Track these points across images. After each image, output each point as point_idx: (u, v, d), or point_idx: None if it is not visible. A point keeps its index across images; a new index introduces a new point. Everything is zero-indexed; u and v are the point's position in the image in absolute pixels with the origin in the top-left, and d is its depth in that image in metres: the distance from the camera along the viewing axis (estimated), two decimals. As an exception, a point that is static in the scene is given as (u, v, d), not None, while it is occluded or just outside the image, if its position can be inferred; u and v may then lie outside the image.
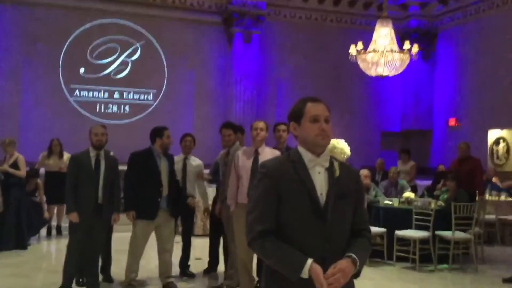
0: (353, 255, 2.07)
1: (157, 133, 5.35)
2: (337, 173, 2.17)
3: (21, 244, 7.28)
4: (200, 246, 7.09)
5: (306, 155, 2.16)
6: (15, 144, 7.70)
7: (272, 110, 13.20)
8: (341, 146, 8.53)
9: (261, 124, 4.92)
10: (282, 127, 5.39)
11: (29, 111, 11.36)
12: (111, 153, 5.60)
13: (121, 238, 5.96)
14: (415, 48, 9.03)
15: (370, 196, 7.46)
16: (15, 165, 7.42)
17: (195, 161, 6.14)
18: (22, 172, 7.51)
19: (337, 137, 5.67)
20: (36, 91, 11.46)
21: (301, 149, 2.19)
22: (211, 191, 6.50)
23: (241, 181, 4.79)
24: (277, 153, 4.74)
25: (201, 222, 8.65)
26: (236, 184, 4.85)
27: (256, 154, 4.83)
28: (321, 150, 2.17)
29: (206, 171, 6.37)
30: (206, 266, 6.24)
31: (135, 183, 5.24)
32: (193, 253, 6.49)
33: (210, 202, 6.28)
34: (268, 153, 4.73)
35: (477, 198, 7.28)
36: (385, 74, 8.99)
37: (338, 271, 2.00)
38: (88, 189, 4.95)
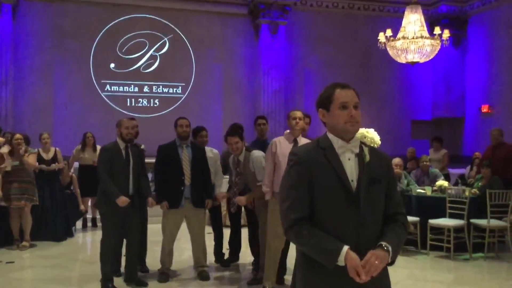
0: (387, 244, 2.05)
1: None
2: (367, 158, 2.16)
3: (59, 236, 7.48)
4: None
5: (336, 142, 2.15)
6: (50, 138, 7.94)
7: (300, 101, 13.15)
8: (371, 135, 8.46)
9: (299, 114, 4.89)
10: (263, 121, 6.04)
11: (62, 106, 11.61)
12: (142, 146, 5.72)
13: (156, 229, 6.06)
14: (446, 34, 8.86)
15: (402, 184, 7.38)
16: (55, 159, 7.65)
17: (212, 151, 6.04)
18: (62, 164, 7.76)
19: (367, 127, 5.64)
20: (68, 87, 11.70)
21: (331, 136, 2.18)
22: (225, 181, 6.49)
23: (278, 169, 4.71)
24: None
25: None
26: (272, 172, 4.81)
27: (295, 143, 4.77)
28: (351, 136, 2.16)
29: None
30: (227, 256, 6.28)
31: (162, 174, 5.38)
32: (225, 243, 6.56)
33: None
34: (303, 142, 4.73)
35: (512, 185, 7.12)
36: (415, 60, 8.85)
37: (373, 259, 1.99)
38: (119, 180, 5.02)
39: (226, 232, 6.30)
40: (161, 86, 12.46)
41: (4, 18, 10.84)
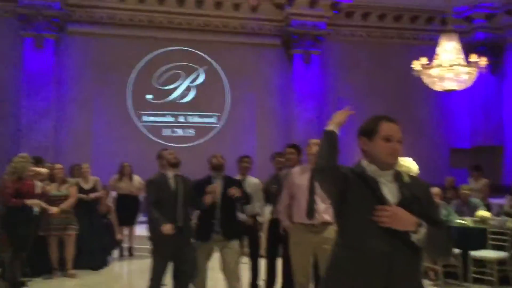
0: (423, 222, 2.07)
1: None
2: (406, 178, 2.18)
3: (96, 265, 7.57)
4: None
5: (370, 167, 2.19)
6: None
7: (334, 130, 13.10)
8: (407, 164, 8.32)
9: (318, 141, 4.87)
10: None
11: (100, 137, 11.91)
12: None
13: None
14: (483, 61, 8.72)
15: (442, 215, 7.18)
16: (94, 189, 7.83)
17: (253, 181, 6.11)
18: (101, 192, 7.93)
19: (404, 156, 5.56)
20: (106, 118, 12.01)
21: (365, 163, 2.23)
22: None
23: (297, 200, 4.67)
24: None
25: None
26: (287, 202, 4.77)
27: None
28: (388, 168, 2.20)
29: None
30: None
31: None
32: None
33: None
34: None
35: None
36: (452, 88, 8.72)
37: (400, 210, 2.05)
38: (167, 211, 4.95)
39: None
40: (196, 116, 12.65)
41: (47, 51, 11.30)
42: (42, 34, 11.20)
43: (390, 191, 2.15)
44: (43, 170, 7.15)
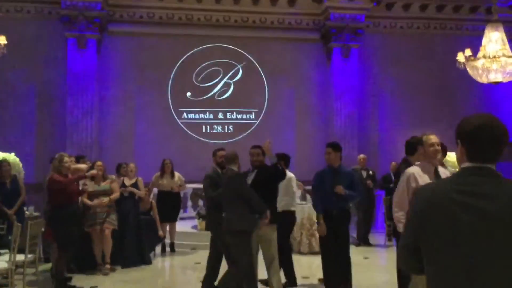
0: None
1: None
2: None
3: (139, 260, 7.70)
4: (306, 265, 7.04)
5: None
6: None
7: (374, 124, 12.90)
8: (452, 159, 8.09)
9: (435, 139, 4.27)
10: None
11: (142, 135, 12.14)
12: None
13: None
14: (531, 51, 8.37)
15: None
16: (135, 186, 7.99)
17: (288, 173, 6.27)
18: (142, 192, 8.07)
19: (449, 150, 5.41)
20: (148, 116, 12.23)
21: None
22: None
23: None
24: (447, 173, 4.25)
25: (306, 240, 8.59)
26: (407, 208, 4.00)
27: (436, 174, 4.19)
28: None
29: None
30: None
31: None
32: (300, 272, 6.48)
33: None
34: (444, 173, 4.23)
35: None
36: (498, 80, 8.41)
37: None
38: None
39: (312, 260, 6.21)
40: (235, 113, 12.70)
41: (89, 51, 11.59)
42: (85, 34, 11.49)
43: None
44: (83, 166, 7.30)
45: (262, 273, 5.71)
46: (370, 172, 9.89)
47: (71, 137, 11.33)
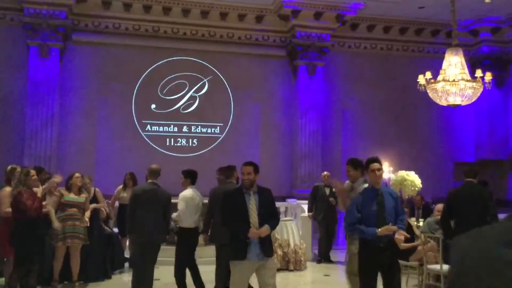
0: None
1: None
2: None
3: (99, 275, 7.45)
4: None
5: None
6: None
7: (338, 142, 13.08)
8: (411, 178, 8.25)
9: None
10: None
11: (105, 146, 11.90)
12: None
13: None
14: (488, 76, 8.68)
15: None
16: (94, 199, 7.75)
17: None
18: (102, 203, 7.86)
19: (408, 169, 5.52)
20: (110, 127, 12.02)
21: None
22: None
23: None
24: None
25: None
26: None
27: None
28: None
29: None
30: None
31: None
32: None
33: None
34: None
35: None
36: (457, 103, 8.68)
37: None
38: None
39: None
40: (199, 126, 12.64)
41: (52, 61, 11.34)
42: (48, 43, 11.24)
43: None
44: (57, 180, 6.96)
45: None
46: (333, 190, 9.97)
47: (29, 147, 11.00)
